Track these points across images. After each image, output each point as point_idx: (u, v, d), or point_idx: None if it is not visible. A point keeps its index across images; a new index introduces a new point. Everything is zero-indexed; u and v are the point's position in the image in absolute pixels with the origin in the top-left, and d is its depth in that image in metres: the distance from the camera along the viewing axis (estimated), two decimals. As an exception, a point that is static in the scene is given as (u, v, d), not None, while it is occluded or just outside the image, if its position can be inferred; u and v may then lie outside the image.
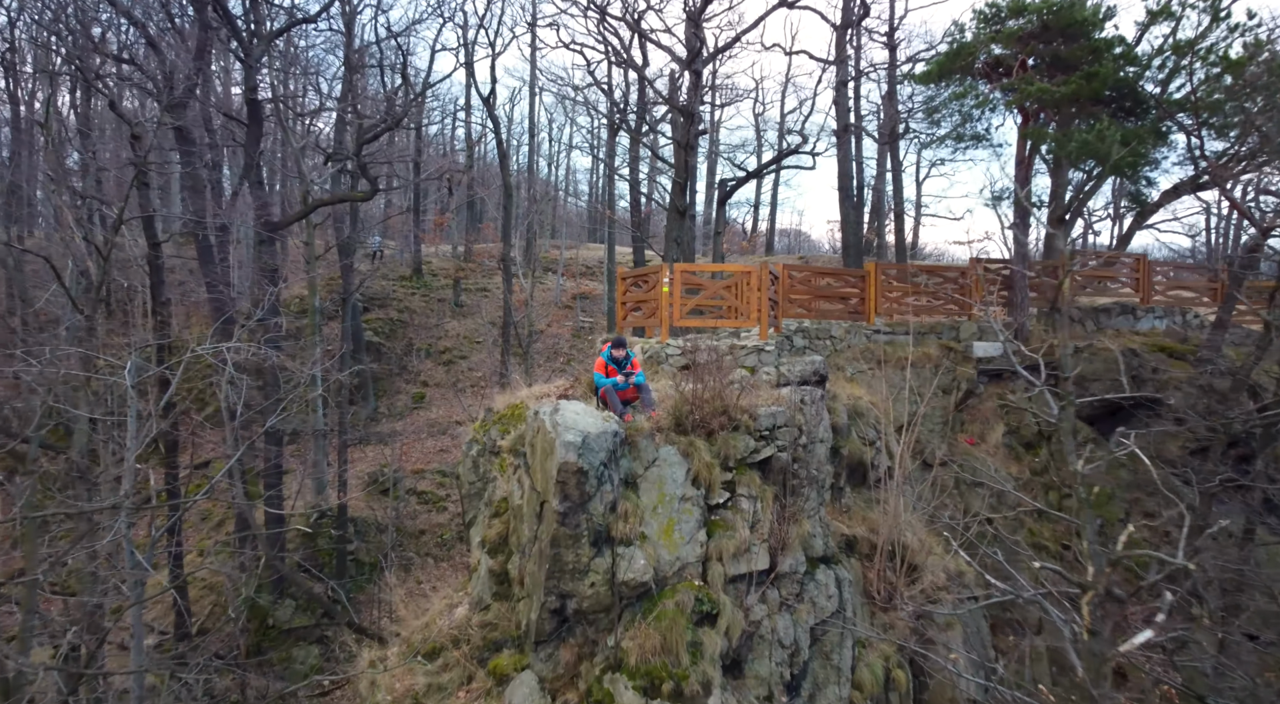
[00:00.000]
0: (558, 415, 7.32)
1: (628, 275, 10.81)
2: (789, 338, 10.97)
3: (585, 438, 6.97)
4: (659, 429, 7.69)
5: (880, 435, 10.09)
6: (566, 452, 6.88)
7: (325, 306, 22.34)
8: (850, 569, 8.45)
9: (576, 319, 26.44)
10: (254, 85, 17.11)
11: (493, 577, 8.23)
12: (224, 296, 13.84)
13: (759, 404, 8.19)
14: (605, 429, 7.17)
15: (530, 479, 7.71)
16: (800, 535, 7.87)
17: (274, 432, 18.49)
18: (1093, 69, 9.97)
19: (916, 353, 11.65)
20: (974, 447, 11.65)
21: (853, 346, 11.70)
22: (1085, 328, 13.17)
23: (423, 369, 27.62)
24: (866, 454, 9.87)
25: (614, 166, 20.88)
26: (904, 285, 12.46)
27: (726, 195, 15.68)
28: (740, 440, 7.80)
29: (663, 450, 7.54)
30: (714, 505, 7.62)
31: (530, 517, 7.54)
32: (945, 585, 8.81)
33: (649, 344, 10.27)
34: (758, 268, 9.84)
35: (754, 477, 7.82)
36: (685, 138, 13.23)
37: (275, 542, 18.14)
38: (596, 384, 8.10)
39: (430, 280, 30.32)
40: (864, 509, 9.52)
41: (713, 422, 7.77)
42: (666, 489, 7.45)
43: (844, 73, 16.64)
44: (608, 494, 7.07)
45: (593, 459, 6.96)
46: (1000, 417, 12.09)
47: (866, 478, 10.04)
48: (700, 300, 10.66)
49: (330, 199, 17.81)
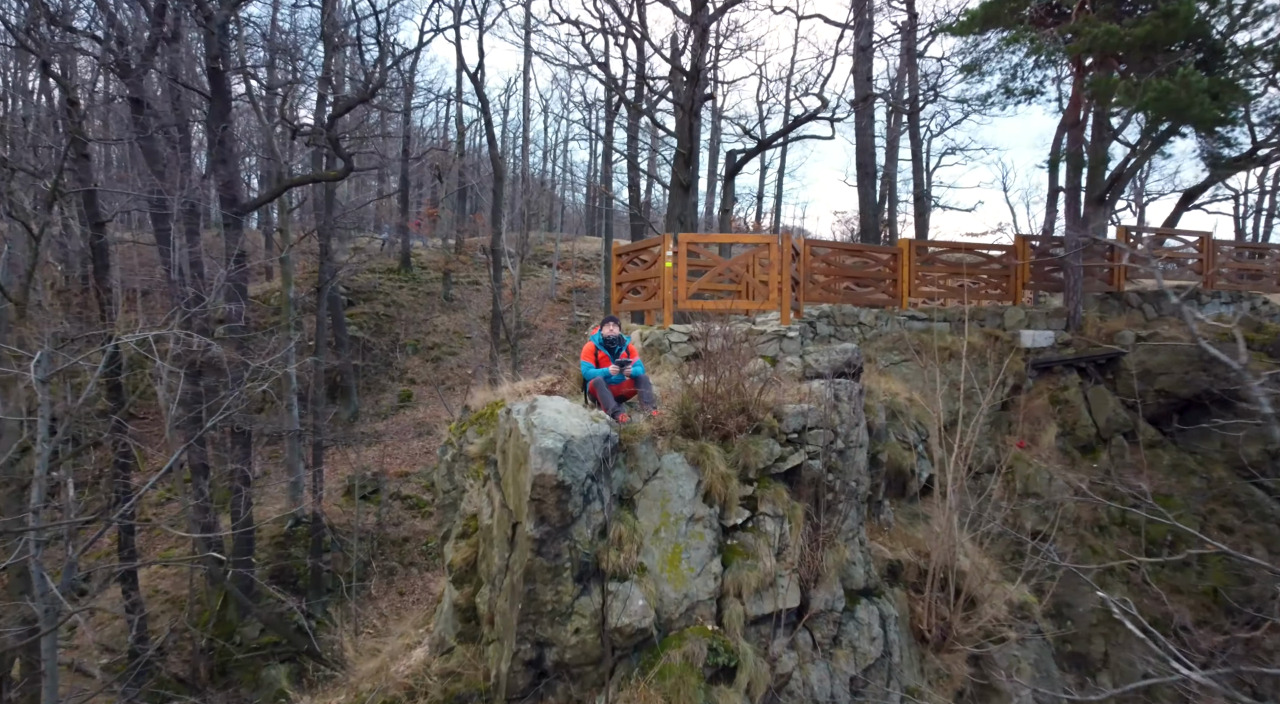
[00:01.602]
0: (534, 415, 5.79)
1: (624, 250, 9.23)
2: (812, 324, 9.43)
3: (567, 443, 5.44)
4: (661, 432, 6.15)
5: (922, 438, 8.55)
6: (543, 461, 5.35)
7: (302, 298, 20.82)
8: (896, 602, 6.91)
9: (572, 314, 24.92)
10: (216, 53, 15.58)
11: (458, 613, 6.70)
12: (183, 283, 12.31)
13: (785, 401, 6.65)
14: (593, 432, 5.64)
15: (501, 494, 6.18)
16: (837, 563, 6.33)
17: (241, 433, 17.00)
18: (1170, 8, 8.46)
19: (958, 342, 10.11)
20: (1024, 450, 10.10)
21: (884, 335, 10.16)
22: (1144, 314, 11.64)
23: (409, 366, 26.13)
24: (907, 460, 8.33)
25: (611, 143, 19.31)
26: (941, 266, 10.92)
27: (736, 168, 14.13)
28: (763, 445, 6.26)
29: (667, 459, 6.01)
30: (731, 527, 6.08)
31: (501, 541, 6.01)
32: (1008, 619, 7.27)
33: (650, 331, 8.73)
34: (778, 238, 8.30)
35: (780, 490, 6.28)
36: (690, 102, 11.70)
37: (243, 553, 16.65)
38: (585, 376, 6.56)
39: (419, 273, 28.83)
40: (906, 526, 7.98)
41: (729, 422, 6.23)
42: (671, 507, 5.91)
43: (863, 37, 15.08)
44: (596, 515, 5.54)
45: (577, 471, 5.43)
46: (1052, 415, 10.54)
47: (906, 488, 8.50)
48: (705, 282, 9.14)
49: (301, 179, 16.28)
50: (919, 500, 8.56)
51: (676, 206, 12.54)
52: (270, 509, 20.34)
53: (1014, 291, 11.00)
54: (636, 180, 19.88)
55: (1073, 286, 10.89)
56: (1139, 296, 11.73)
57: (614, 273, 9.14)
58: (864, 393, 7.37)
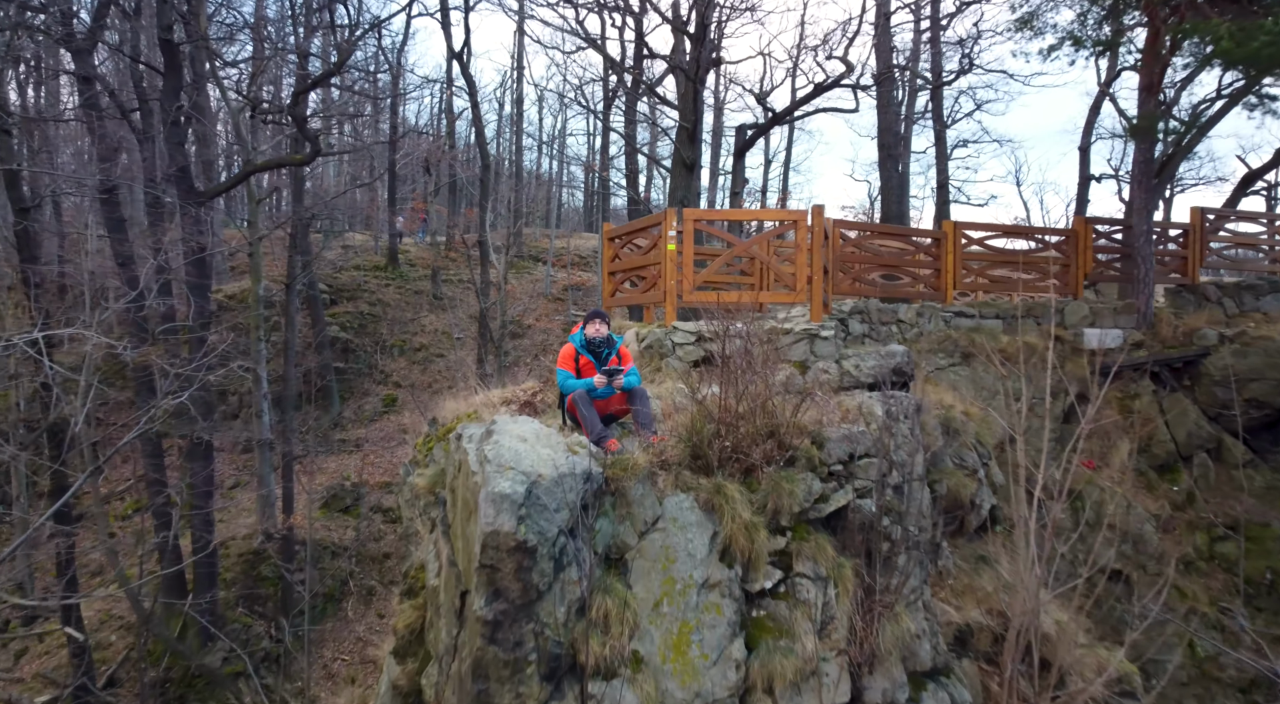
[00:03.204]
0: (489, 445, 4.23)
1: (617, 233, 7.58)
2: (843, 321, 7.85)
3: (532, 487, 3.89)
4: (664, 465, 4.59)
5: (984, 462, 6.97)
6: (497, 513, 3.79)
7: (279, 297, 19.26)
8: (967, 681, 5.33)
9: (568, 312, 23.35)
10: (169, 23, 14.04)
11: (397, 696, 5.13)
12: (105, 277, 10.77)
13: (825, 420, 5.08)
14: (569, 469, 4.08)
15: (450, 547, 4.62)
16: (898, 638, 4.75)
17: (199, 443, 15.46)
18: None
19: (1014, 343, 8.53)
20: (1094, 472, 8.51)
21: (927, 333, 8.59)
22: (1224, 309, 10.05)
23: (395, 368, 24.58)
24: (967, 490, 6.74)
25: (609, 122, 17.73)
26: (989, 253, 9.34)
27: (747, 144, 12.54)
28: (799, 482, 4.69)
29: (671, 503, 4.44)
30: (757, 593, 4.52)
31: (449, 611, 4.45)
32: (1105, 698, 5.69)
33: (648, 330, 7.16)
34: (807, 213, 6.73)
35: (822, 542, 4.70)
36: (695, 66, 10.14)
37: (206, 573, 15.13)
38: (562, 389, 5.00)
39: (407, 270, 27.29)
40: (970, 573, 6.39)
41: (753, 451, 4.66)
42: (678, 570, 4.34)
43: (885, 3, 13.50)
44: (573, 586, 3.98)
45: (545, 525, 3.87)
46: (1123, 429, 8.95)
47: (964, 524, 6.91)
48: (715, 270, 7.58)
49: (265, 164, 14.72)
50: (981, 537, 6.98)
51: (679, 189, 10.99)
52: (241, 524, 18.82)
53: (1074, 284, 9.41)
54: (635, 168, 18.30)
55: (1143, 278, 9.31)
56: (1217, 289, 10.15)
57: (604, 259, 7.54)
58: (921, 409, 5.79)
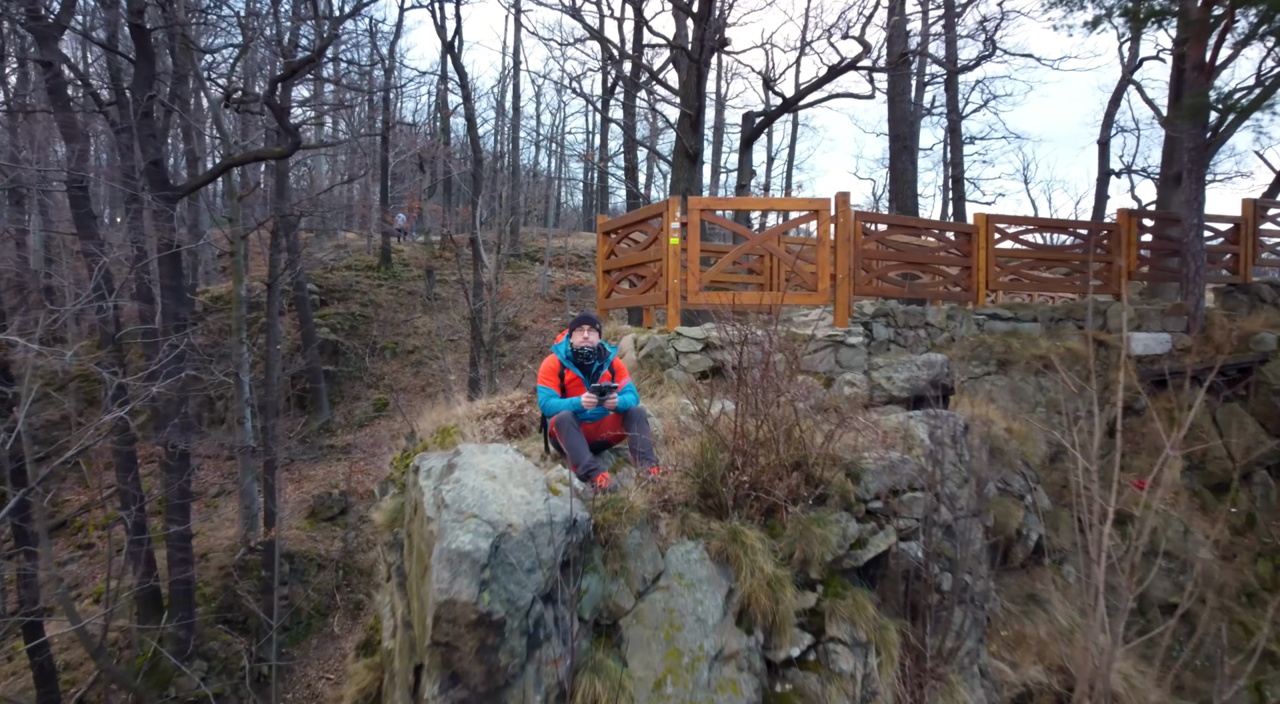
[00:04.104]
0: (450, 482, 3.38)
1: (613, 226, 6.66)
2: (866, 325, 6.99)
3: (499, 541, 3.04)
4: (666, 505, 3.73)
5: (1032, 486, 6.11)
6: (454, 577, 2.95)
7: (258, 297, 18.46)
8: (1029, 756, 4.47)
9: (565, 314, 22.53)
10: (140, 8, 13.21)
11: (349, 777, 4.28)
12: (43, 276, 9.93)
13: (860, 446, 4.23)
14: (546, 516, 3.23)
15: (405, 604, 3.78)
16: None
17: (173, 450, 14.66)
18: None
19: (1055, 348, 7.67)
20: (1143, 491, 7.63)
21: (959, 339, 7.73)
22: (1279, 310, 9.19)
23: (387, 371, 23.79)
24: (1014, 518, 5.88)
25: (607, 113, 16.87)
26: (1027, 248, 8.47)
27: (755, 133, 11.66)
28: (832, 524, 3.83)
29: (676, 554, 3.59)
30: (783, 664, 3.66)
31: (404, 684, 3.60)
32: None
33: (648, 336, 6.30)
34: (830, 202, 5.87)
35: (861, 599, 3.84)
36: (699, 47, 9.29)
37: (182, 588, 14.34)
38: (543, 410, 4.14)
39: (400, 270, 26.49)
40: (1020, 616, 5.53)
41: (775, 486, 3.81)
42: (684, 638, 3.48)
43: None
44: (550, 666, 3.12)
45: (515, 591, 3.02)
46: (1176, 444, 8.08)
47: (1010, 555, 6.05)
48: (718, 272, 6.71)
49: (242, 157, 13.88)
50: (1028, 571, 6.13)
51: (681, 181, 10.15)
52: (224, 535, 18.04)
53: (1116, 283, 8.55)
54: (634, 161, 17.43)
55: (1193, 276, 8.44)
56: (1273, 289, 9.29)
57: (599, 256, 6.67)
58: (969, 430, 4.93)
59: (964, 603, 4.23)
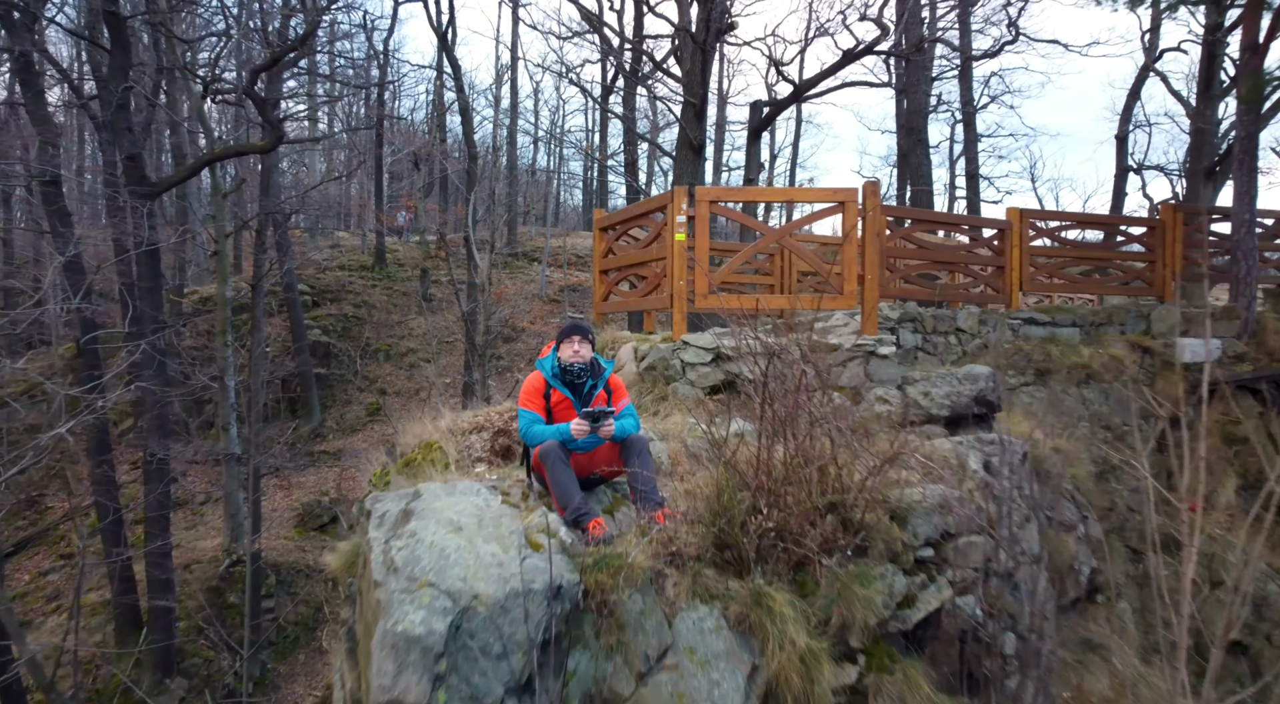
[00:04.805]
0: (404, 535, 2.69)
1: (612, 220, 5.94)
2: (893, 331, 6.29)
3: (462, 616, 2.35)
4: (674, 560, 3.03)
5: (1084, 515, 5.41)
6: (398, 669, 2.24)
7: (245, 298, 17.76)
8: None
9: (563, 315, 21.85)
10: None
11: None
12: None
13: (903, 481, 3.53)
14: (528, 579, 2.53)
15: (356, 673, 3.08)
16: (1020, 808, 3.19)
17: (151, 458, 14.01)
18: None
19: (1099, 356, 6.97)
20: (1196, 514, 6.93)
21: (992, 346, 7.04)
22: (1342, 317, 8.49)
23: (380, 374, 23.12)
24: (1066, 550, 5.18)
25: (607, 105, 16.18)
26: (1065, 246, 7.77)
27: (763, 123, 10.97)
28: (875, 580, 3.13)
29: (686, 622, 2.89)
30: (817, 756, 2.95)
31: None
32: None
33: (650, 345, 5.60)
34: (857, 192, 5.17)
35: (912, 672, 3.14)
36: (704, 30, 8.61)
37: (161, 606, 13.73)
38: (525, 438, 3.44)
39: (394, 270, 25.85)
40: (1079, 669, 4.83)
41: (807, 535, 3.11)
42: (696, 731, 2.78)
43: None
44: (528, 780, 2.42)
45: (480, 683, 2.32)
46: (1227, 459, 7.37)
47: (1062, 592, 5.35)
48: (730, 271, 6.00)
49: (224, 152, 13.23)
50: (1080, 610, 5.43)
51: (685, 174, 9.47)
52: (210, 546, 17.38)
53: (1162, 284, 7.85)
54: (634, 156, 16.73)
55: (1245, 276, 7.74)
56: (1329, 292, 8.61)
57: (595, 254, 5.96)
58: (1028, 458, 4.23)
59: (1029, 665, 3.52)
